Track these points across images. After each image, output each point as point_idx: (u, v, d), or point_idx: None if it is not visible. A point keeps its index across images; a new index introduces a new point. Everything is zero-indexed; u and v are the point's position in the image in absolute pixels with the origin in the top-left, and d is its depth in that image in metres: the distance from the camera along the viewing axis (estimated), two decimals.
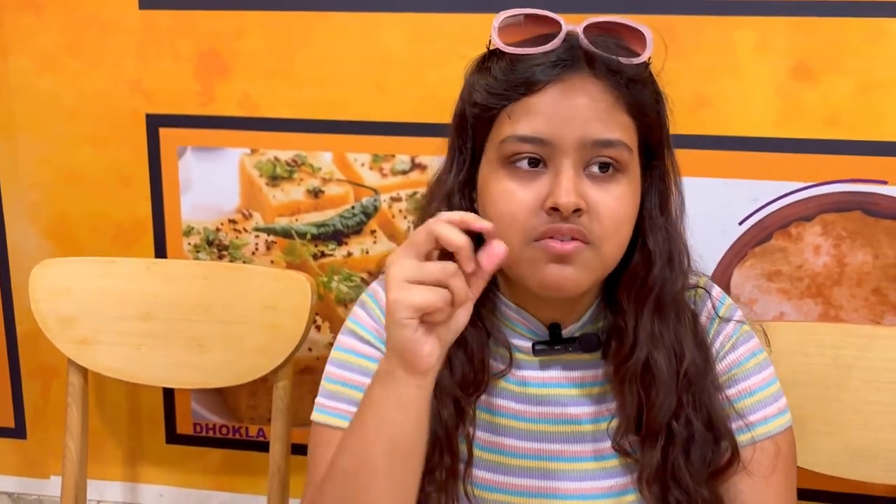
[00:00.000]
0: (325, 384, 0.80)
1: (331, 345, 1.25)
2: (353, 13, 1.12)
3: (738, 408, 0.76)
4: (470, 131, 0.72)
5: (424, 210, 0.77)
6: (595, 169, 0.67)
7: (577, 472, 0.75)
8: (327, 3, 1.13)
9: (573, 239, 0.66)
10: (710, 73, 1.07)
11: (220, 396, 1.30)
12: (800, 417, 0.78)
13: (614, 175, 0.68)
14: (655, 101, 0.71)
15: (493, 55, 0.71)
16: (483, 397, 0.76)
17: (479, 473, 0.76)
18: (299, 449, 1.13)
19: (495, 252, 0.61)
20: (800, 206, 1.10)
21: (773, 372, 0.78)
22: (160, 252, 1.25)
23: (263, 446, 1.28)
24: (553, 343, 0.75)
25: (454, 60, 1.09)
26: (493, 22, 0.70)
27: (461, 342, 0.71)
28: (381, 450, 0.63)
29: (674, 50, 1.05)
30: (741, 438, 0.75)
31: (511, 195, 0.67)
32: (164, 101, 1.19)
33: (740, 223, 1.11)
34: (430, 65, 1.12)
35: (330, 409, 0.78)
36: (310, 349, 1.26)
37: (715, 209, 1.10)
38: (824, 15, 1.03)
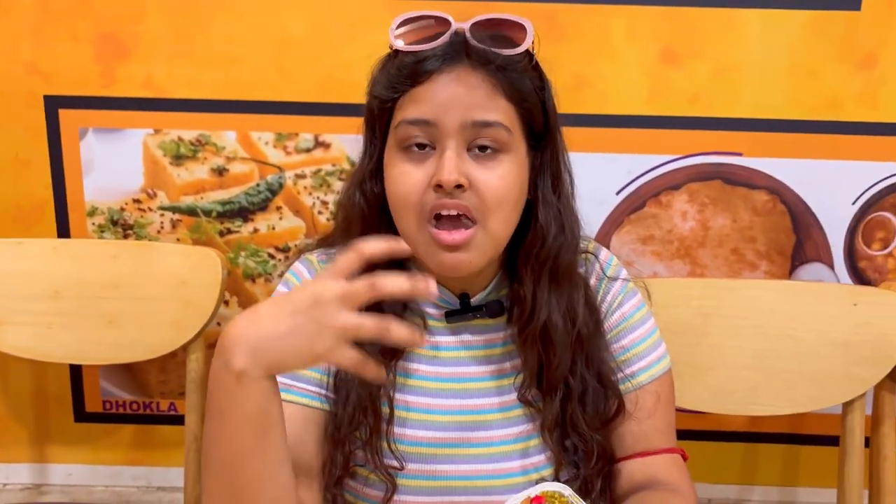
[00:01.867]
0: None
1: None
2: None
3: (627, 357, 0.86)
4: (375, 122, 0.79)
5: (344, 194, 0.84)
6: (478, 150, 0.74)
7: (487, 422, 0.84)
8: None
9: (459, 215, 0.74)
10: (587, 56, 1.17)
11: (130, 373, 1.32)
12: None
13: (496, 155, 0.75)
14: (538, 88, 0.78)
15: (391, 54, 0.78)
16: (400, 363, 0.84)
17: (399, 430, 0.82)
18: None
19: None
20: (669, 176, 1.22)
21: (653, 322, 0.89)
22: (63, 233, 1.26)
23: (176, 419, 1.32)
24: (463, 311, 0.84)
25: (353, 43, 1.17)
26: (391, 24, 0.76)
27: (379, 313, 0.78)
28: (251, 437, 0.65)
29: (555, 35, 1.16)
30: (628, 385, 0.85)
31: (405, 176, 0.75)
32: (63, 83, 1.20)
33: (617, 193, 1.23)
34: (330, 46, 1.17)
35: None
36: (219, 324, 1.29)
37: (594, 181, 1.21)
38: (686, 5, 1.15)
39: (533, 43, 0.77)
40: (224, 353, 0.63)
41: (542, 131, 0.80)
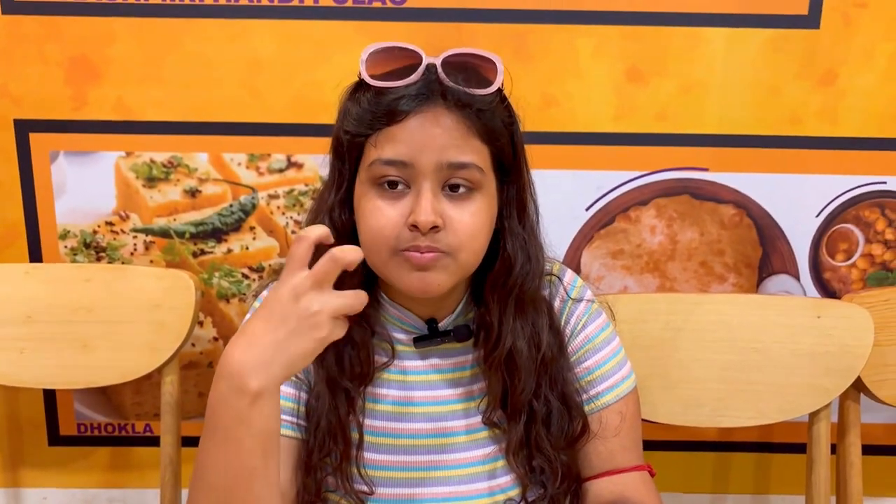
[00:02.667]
0: None
1: (215, 339, 1.31)
2: (219, 20, 1.17)
3: (591, 378, 0.87)
4: (345, 154, 0.79)
5: (313, 221, 0.84)
6: (451, 188, 0.75)
7: (454, 444, 0.85)
8: (194, 11, 1.16)
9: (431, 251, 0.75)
10: (555, 75, 1.19)
11: (104, 395, 1.32)
12: (639, 377, 0.91)
13: (469, 193, 0.76)
14: (508, 125, 0.79)
15: (361, 85, 0.78)
16: (369, 388, 0.85)
17: (368, 455, 0.84)
18: (186, 441, 1.18)
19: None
20: (637, 192, 1.24)
21: (618, 342, 0.91)
22: (35, 256, 1.25)
23: (151, 441, 1.32)
24: (431, 336, 0.85)
25: (324, 63, 1.18)
26: (360, 55, 0.76)
27: (349, 339, 0.80)
28: (258, 458, 0.66)
29: (524, 55, 1.17)
30: (593, 406, 0.86)
31: (380, 212, 0.75)
32: (33, 107, 1.19)
33: (587, 209, 1.25)
34: (301, 67, 1.18)
35: None
36: (193, 344, 1.29)
37: (564, 198, 1.23)
38: (651, 24, 1.17)
39: (503, 81, 0.77)
40: (233, 378, 0.64)
41: (511, 165, 0.81)
